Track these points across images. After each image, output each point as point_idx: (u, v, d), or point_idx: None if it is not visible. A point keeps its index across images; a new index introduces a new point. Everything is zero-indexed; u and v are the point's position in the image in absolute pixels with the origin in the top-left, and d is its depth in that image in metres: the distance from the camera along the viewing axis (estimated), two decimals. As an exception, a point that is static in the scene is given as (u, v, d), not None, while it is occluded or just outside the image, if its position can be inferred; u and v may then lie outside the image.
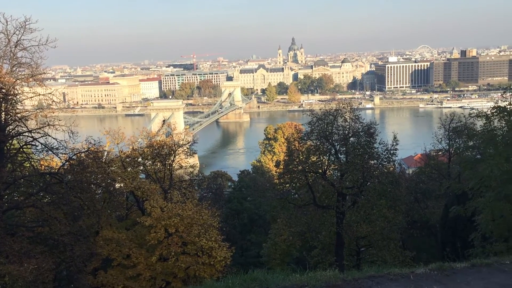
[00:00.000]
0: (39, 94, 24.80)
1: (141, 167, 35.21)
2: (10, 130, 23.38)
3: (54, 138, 24.05)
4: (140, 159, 35.09)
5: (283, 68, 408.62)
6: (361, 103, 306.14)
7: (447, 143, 42.64)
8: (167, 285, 25.94)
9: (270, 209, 39.46)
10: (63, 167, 25.67)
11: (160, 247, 25.50)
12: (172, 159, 35.75)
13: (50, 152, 24.68)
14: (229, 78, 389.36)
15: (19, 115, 23.49)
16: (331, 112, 28.14)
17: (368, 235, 28.08)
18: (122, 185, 30.77)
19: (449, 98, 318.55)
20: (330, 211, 27.91)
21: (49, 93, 24.79)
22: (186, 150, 38.32)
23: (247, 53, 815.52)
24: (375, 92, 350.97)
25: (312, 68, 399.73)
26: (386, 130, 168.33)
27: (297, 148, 29.47)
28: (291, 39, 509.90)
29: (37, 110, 24.69)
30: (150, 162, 35.79)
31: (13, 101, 23.41)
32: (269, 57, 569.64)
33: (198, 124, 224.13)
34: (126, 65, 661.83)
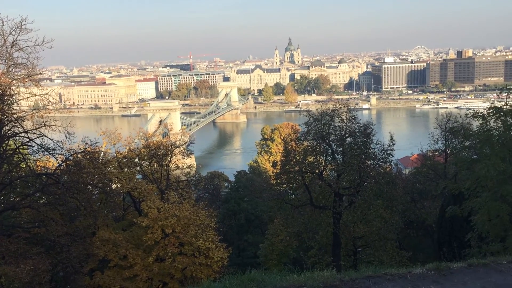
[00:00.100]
0: (35, 95, 24.72)
1: (138, 168, 35.19)
2: (6, 131, 23.27)
3: (50, 139, 23.94)
4: (136, 160, 35.07)
5: (279, 69, 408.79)
6: (358, 103, 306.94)
7: (443, 143, 42.71)
8: (164, 286, 25.91)
9: (267, 210, 39.44)
10: (59, 168, 25.58)
11: (157, 247, 25.47)
12: (169, 159, 35.75)
13: (46, 152, 24.56)
14: (226, 79, 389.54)
15: (15, 115, 23.36)
16: (328, 112, 28.17)
17: (365, 235, 28.11)
18: (118, 185, 30.73)
19: (445, 99, 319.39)
20: (327, 212, 27.97)
21: (45, 93, 24.68)
22: (182, 150, 38.28)
23: (243, 54, 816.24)
24: (372, 93, 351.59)
25: (308, 68, 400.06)
26: (382, 130, 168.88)
27: (294, 148, 29.50)
28: (287, 39, 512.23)
29: (33, 111, 24.61)
30: (146, 162, 35.78)
31: (9, 101, 23.29)
32: (266, 58, 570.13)
33: (195, 124, 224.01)
34: (123, 66, 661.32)
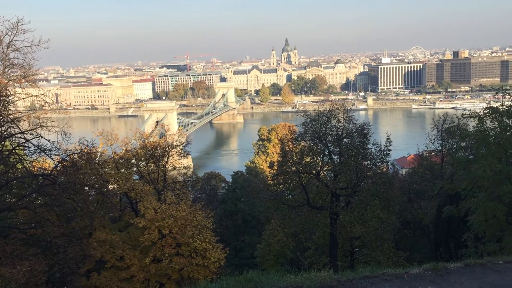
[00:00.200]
0: (31, 95, 24.65)
1: (135, 169, 35.16)
2: (2, 132, 23.17)
3: (47, 140, 23.86)
4: (133, 160, 35.02)
5: (276, 69, 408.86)
6: (355, 104, 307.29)
7: (440, 144, 42.80)
8: (161, 287, 25.85)
9: (264, 210, 39.43)
10: (56, 169, 25.51)
11: (154, 248, 25.42)
12: (166, 160, 35.72)
13: (42, 153, 24.50)
14: (223, 79, 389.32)
15: (11, 116, 23.27)
16: (325, 113, 28.18)
17: (361, 236, 28.12)
18: (115, 186, 30.67)
19: (441, 99, 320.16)
20: (324, 212, 27.96)
21: (41, 94, 24.62)
22: (179, 151, 38.24)
23: (240, 54, 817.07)
24: (368, 93, 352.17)
25: (305, 69, 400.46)
26: (379, 131, 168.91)
27: (291, 149, 29.50)
28: (284, 40, 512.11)
29: (30, 111, 24.50)
30: (143, 163, 35.74)
31: (5, 102, 23.22)
32: (263, 58, 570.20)
33: (192, 125, 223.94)
34: (119, 66, 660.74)
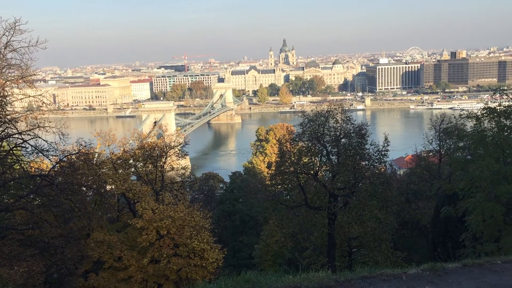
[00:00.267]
0: (29, 96, 24.60)
1: (133, 169, 35.12)
2: (0, 132, 23.14)
3: (44, 140, 23.80)
4: (131, 161, 34.99)
5: (274, 70, 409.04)
6: (352, 104, 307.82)
7: (437, 144, 42.84)
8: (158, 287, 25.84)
9: (262, 211, 39.41)
10: (53, 169, 25.43)
11: (152, 249, 25.40)
12: (164, 160, 35.69)
13: (40, 154, 24.41)
14: (221, 80, 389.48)
15: (8, 116, 23.19)
16: (323, 113, 28.20)
17: (359, 236, 28.15)
18: (113, 187, 30.63)
19: (439, 99, 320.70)
20: (322, 212, 27.98)
21: (39, 94, 24.54)
22: (177, 151, 38.24)
23: (238, 55, 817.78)
24: (366, 94, 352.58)
25: (303, 69, 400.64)
26: (377, 131, 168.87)
27: (289, 149, 29.48)
28: (282, 40, 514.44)
29: (27, 112, 24.44)
30: (141, 164, 35.70)
31: (2, 102, 23.15)
32: (261, 59, 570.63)
33: (190, 125, 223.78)
34: (117, 67, 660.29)
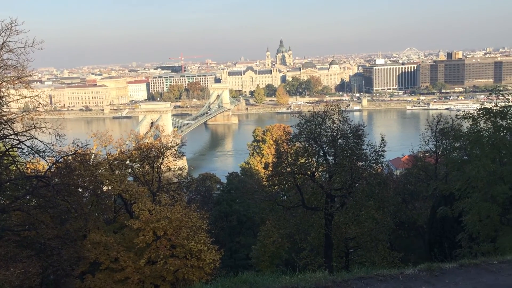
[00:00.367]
0: (25, 97, 24.50)
1: (129, 170, 35.03)
2: (-4, 133, 23.06)
3: (40, 141, 23.73)
4: (128, 162, 34.90)
5: (271, 70, 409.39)
6: (349, 105, 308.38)
7: (434, 145, 42.99)
8: (155, 288, 25.78)
9: (259, 211, 39.40)
10: (50, 170, 25.36)
11: (149, 250, 25.35)
12: (161, 161, 35.60)
13: (36, 155, 24.33)
14: (218, 80, 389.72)
15: (4, 117, 23.10)
16: (320, 114, 28.22)
17: (356, 236, 28.18)
18: (110, 188, 30.55)
19: (435, 100, 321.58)
20: (319, 213, 27.99)
21: (35, 95, 24.44)
22: (174, 152, 38.14)
23: (235, 55, 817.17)
24: (363, 94, 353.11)
25: (300, 70, 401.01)
26: (374, 131, 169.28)
27: (286, 150, 29.50)
28: (279, 41, 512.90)
29: (23, 113, 24.33)
30: (138, 164, 35.62)
31: (-2, 103, 23.10)
32: (258, 59, 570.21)
33: (187, 126, 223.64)
34: (114, 67, 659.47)
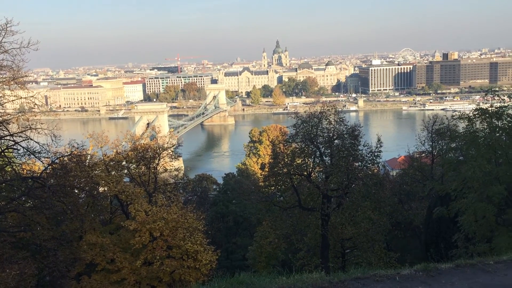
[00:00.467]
0: (20, 97, 24.40)
1: (125, 171, 34.95)
2: (-9, 134, 22.98)
3: (36, 142, 23.65)
4: (124, 163, 34.81)
5: (267, 71, 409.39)
6: (345, 105, 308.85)
7: (430, 145, 43.07)
8: (152, 290, 25.71)
9: (255, 212, 39.41)
10: (45, 171, 25.28)
11: (145, 251, 25.28)
12: (157, 162, 35.55)
13: (32, 156, 24.25)
14: (214, 81, 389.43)
15: (0, 118, 23.07)
16: (316, 114, 28.25)
17: (353, 237, 28.22)
18: (106, 189, 30.48)
19: (431, 101, 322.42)
20: (315, 213, 28.01)
21: (31, 96, 24.36)
22: (170, 153, 38.09)
23: (231, 56, 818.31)
24: (359, 95, 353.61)
25: (296, 70, 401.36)
26: (370, 132, 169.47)
27: (282, 150, 29.49)
28: (275, 41, 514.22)
29: (19, 114, 24.25)
30: (134, 165, 35.53)
31: (-6, 104, 23.03)
32: (254, 60, 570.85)
33: (183, 127, 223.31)
34: (110, 68, 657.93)
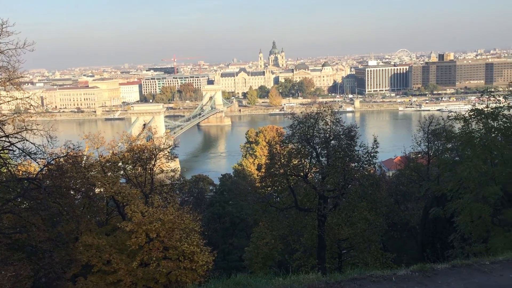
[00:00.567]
0: (16, 98, 24.30)
1: (122, 172, 34.85)
2: (-14, 135, 22.87)
3: (32, 143, 23.55)
4: (120, 164, 34.73)
5: (264, 72, 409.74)
6: (342, 106, 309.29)
7: (426, 146, 43.16)
8: (148, 291, 25.65)
9: (252, 213, 39.36)
10: (41, 172, 25.18)
11: (141, 252, 25.23)
12: (153, 163, 35.46)
13: (28, 157, 24.14)
14: (210, 82, 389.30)
15: (-5, 119, 22.99)
16: (312, 115, 28.27)
17: (349, 238, 28.23)
18: (102, 190, 30.39)
19: (427, 101, 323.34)
20: (312, 214, 28.02)
21: (26, 97, 24.26)
22: (167, 154, 38.03)
23: (228, 57, 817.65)
24: (356, 96, 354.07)
25: (293, 71, 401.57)
26: (366, 133, 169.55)
27: (279, 151, 29.51)
28: (272, 42, 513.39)
29: (15, 115, 24.16)
30: (130, 166, 35.44)
31: (-11, 105, 22.95)
32: (250, 61, 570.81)
33: (179, 128, 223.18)
34: (106, 69, 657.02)
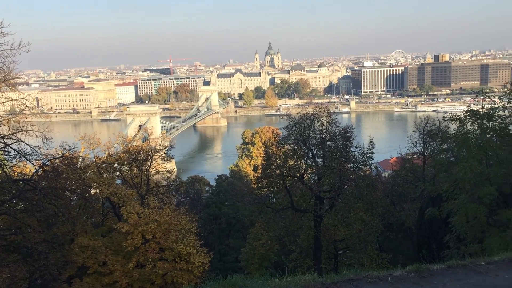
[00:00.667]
0: (11, 99, 24.24)
1: (117, 173, 34.78)
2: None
3: (27, 144, 23.49)
4: (116, 165, 34.65)
5: (260, 73, 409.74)
6: (338, 107, 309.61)
7: (421, 146, 43.26)
8: (144, 292, 25.59)
9: (248, 214, 39.43)
10: (36, 174, 25.14)
11: (137, 253, 25.18)
12: (149, 164, 35.41)
13: (23, 158, 24.07)
14: (206, 83, 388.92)
15: (-10, 120, 22.91)
16: (308, 116, 28.31)
17: (345, 238, 28.29)
18: (97, 191, 30.30)
19: (423, 102, 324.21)
20: (308, 215, 28.05)
21: (22, 98, 24.21)
22: (163, 155, 38.00)
23: (224, 58, 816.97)
24: (351, 96, 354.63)
25: (289, 72, 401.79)
26: (362, 133, 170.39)
27: (275, 152, 29.52)
28: (267, 43, 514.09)
29: (10, 116, 24.10)
30: (126, 167, 35.37)
31: (-16, 106, 22.90)
32: (246, 62, 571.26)
33: (175, 129, 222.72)
34: (102, 70, 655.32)
